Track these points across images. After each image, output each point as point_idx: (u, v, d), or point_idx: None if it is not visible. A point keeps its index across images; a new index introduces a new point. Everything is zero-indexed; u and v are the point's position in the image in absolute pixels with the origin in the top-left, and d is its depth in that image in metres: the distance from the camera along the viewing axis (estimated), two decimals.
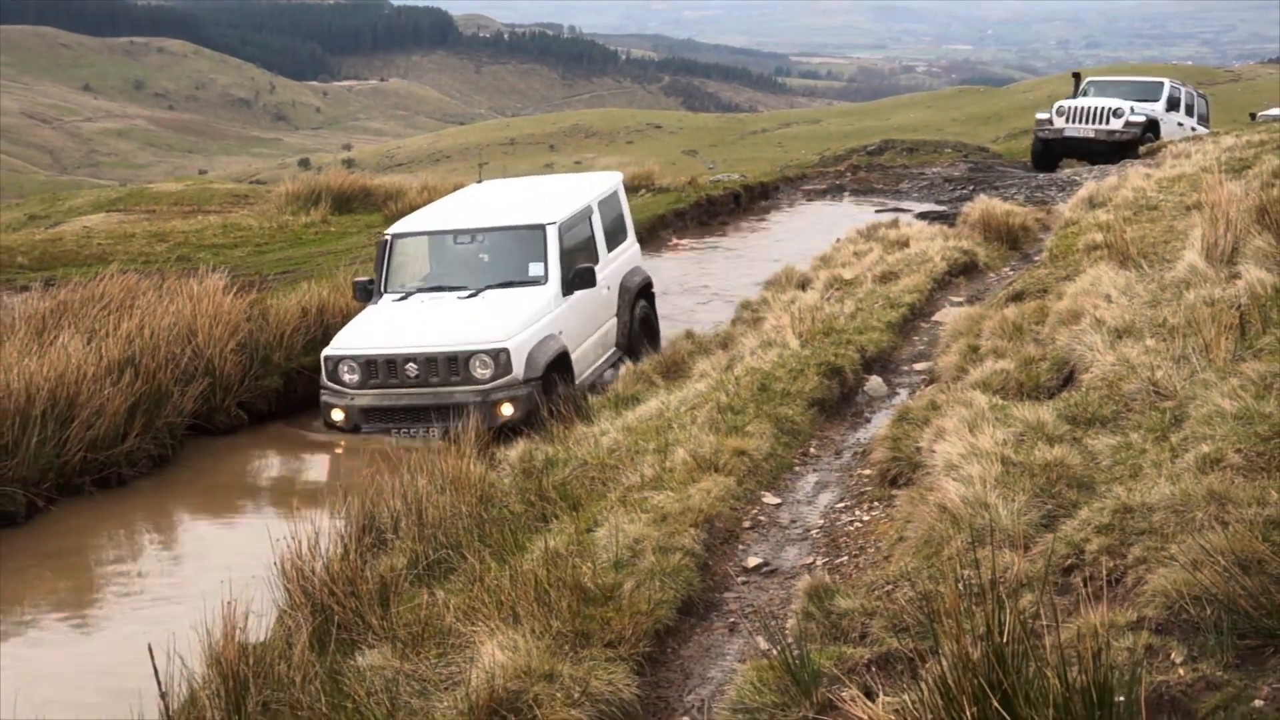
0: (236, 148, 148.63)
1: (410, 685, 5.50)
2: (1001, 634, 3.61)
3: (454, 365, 11.15)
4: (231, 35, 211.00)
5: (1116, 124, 25.62)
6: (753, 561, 6.99)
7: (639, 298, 13.65)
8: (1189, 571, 4.43)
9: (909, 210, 21.24)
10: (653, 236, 20.10)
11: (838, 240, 17.03)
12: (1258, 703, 3.74)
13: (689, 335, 13.13)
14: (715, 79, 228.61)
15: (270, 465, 11.71)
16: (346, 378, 11.35)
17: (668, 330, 14.18)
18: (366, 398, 11.30)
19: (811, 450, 8.99)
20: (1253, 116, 31.37)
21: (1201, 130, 26.56)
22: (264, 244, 19.14)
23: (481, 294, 11.99)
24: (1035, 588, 4.84)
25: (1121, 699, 3.50)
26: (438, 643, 5.89)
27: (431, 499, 7.72)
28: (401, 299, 12.21)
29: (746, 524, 7.51)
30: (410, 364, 11.22)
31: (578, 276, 12.07)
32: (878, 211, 21.20)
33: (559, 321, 11.85)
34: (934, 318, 12.64)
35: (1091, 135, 25.73)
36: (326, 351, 11.56)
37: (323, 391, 11.52)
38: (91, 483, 10.27)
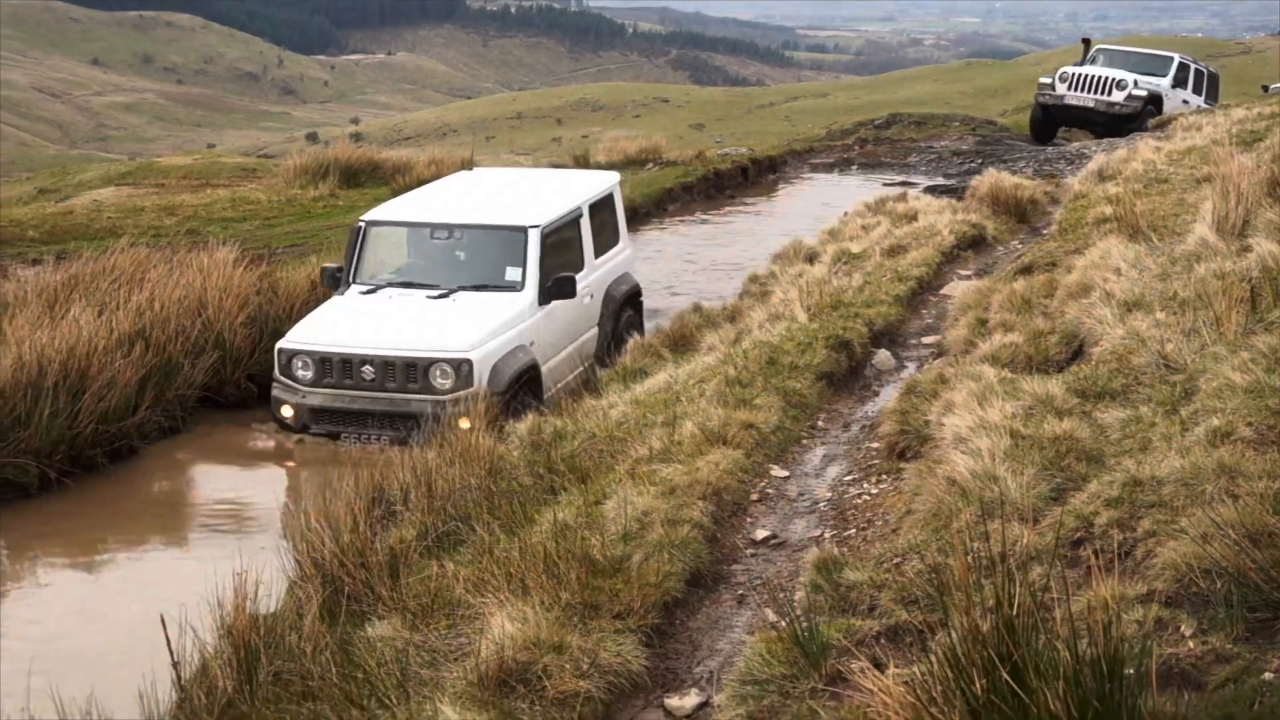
0: (244, 121, 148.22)
1: (420, 656, 5.53)
2: (1011, 606, 3.60)
3: (413, 372, 10.50)
4: (239, 9, 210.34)
5: (1118, 96, 25.20)
6: (761, 534, 7.00)
7: (625, 307, 12.91)
8: (1199, 544, 4.43)
9: (917, 184, 21.20)
10: (660, 210, 20.10)
11: (845, 214, 17.01)
12: (1268, 675, 3.74)
13: (697, 309, 13.09)
14: (722, 53, 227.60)
15: (280, 439, 11.72)
16: (300, 373, 10.73)
17: (677, 304, 14.16)
18: (318, 397, 10.68)
19: (819, 423, 8.99)
20: (1265, 89, 31.17)
21: (1207, 108, 26.23)
22: (272, 217, 19.15)
23: (453, 295, 11.28)
24: (1045, 560, 4.84)
25: (1131, 671, 3.50)
26: (447, 614, 5.91)
27: (440, 471, 7.75)
28: (369, 292, 11.53)
29: (754, 497, 7.52)
30: (367, 366, 10.56)
31: (556, 285, 11.37)
32: (885, 185, 21.14)
33: (531, 332, 11.15)
34: (942, 291, 12.62)
35: (1091, 105, 25.33)
36: (281, 344, 10.93)
37: (274, 385, 10.91)
38: (103, 454, 10.32)
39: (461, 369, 10.41)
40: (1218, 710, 3.59)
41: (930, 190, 20.02)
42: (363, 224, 12.04)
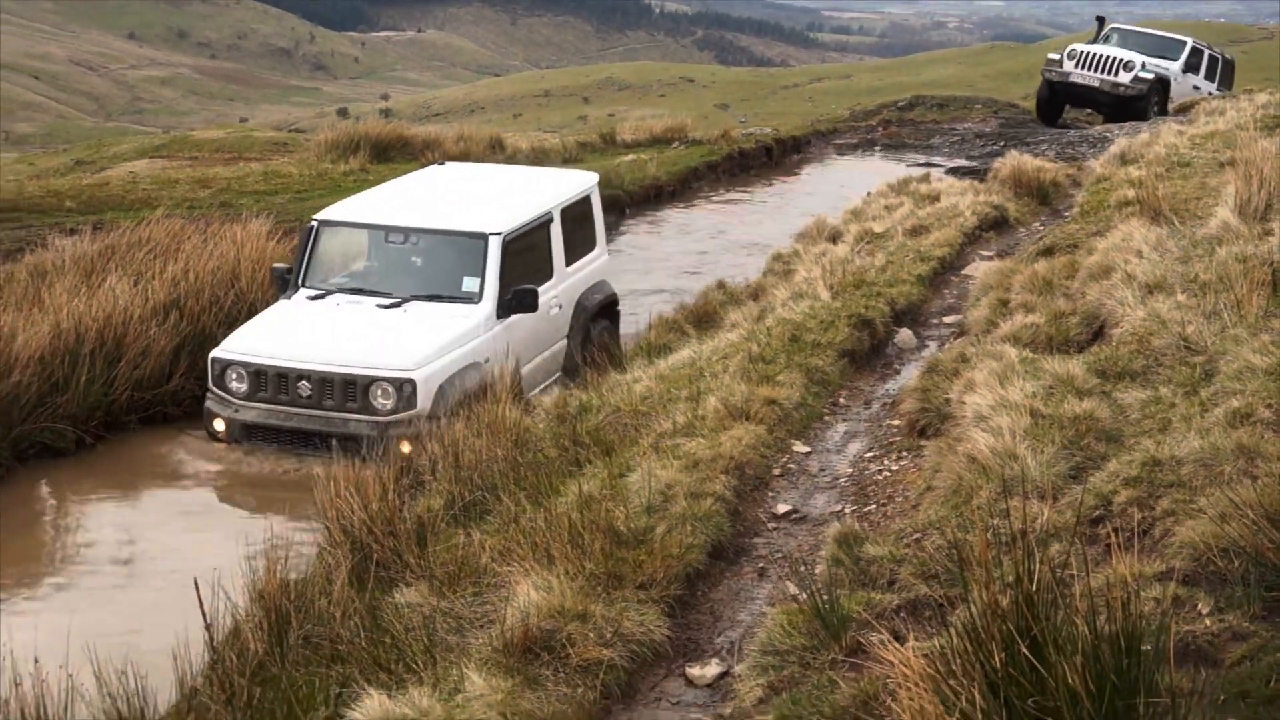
0: (277, 96, 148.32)
1: (446, 622, 5.62)
2: (1031, 582, 3.61)
3: (351, 390, 9.64)
4: None
5: (1124, 77, 24.58)
6: (782, 508, 7.07)
7: (598, 318, 11.85)
8: (1217, 524, 4.47)
9: (940, 165, 21.16)
10: (685, 189, 20.14)
11: (869, 194, 17.00)
12: None
13: (721, 286, 13.17)
14: (748, 33, 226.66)
15: None
16: (233, 385, 9.92)
17: (700, 284, 14.20)
18: (252, 412, 9.88)
19: (841, 400, 9.05)
20: None
21: (1219, 96, 25.75)
22: (304, 191, 19.19)
23: (405, 305, 10.37)
24: (1064, 538, 4.89)
25: (1149, 647, 3.51)
26: (473, 582, 6.00)
27: (468, 442, 7.83)
28: (317, 297, 10.64)
29: (776, 471, 7.59)
30: (303, 381, 9.71)
31: (517, 298, 10.37)
32: (908, 166, 21.12)
33: (486, 348, 10.18)
34: (964, 271, 12.65)
35: (1097, 85, 24.74)
36: (214, 353, 10.11)
37: (208, 396, 10.12)
38: (137, 420, 10.49)
39: (404, 389, 9.60)
40: (1234, 687, 3.62)
41: (953, 172, 19.98)
42: (315, 223, 11.17)
